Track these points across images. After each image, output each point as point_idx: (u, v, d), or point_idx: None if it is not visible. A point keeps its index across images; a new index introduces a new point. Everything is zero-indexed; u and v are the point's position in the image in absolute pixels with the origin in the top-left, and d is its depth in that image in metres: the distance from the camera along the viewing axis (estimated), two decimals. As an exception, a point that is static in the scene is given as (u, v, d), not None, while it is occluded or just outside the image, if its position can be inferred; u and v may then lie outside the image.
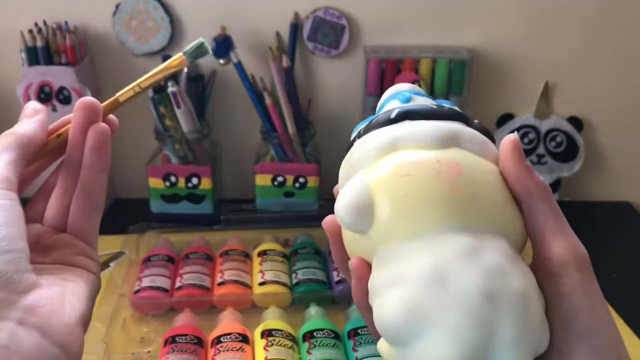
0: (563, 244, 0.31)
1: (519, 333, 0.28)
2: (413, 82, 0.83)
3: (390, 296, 0.29)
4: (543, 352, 0.30)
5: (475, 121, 0.34)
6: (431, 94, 0.84)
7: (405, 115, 0.34)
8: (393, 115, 0.34)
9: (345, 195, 0.31)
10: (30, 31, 0.80)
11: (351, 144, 0.35)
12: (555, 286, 0.31)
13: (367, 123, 0.35)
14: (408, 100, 0.35)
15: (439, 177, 0.30)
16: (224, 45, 0.81)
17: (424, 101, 0.35)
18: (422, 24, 0.86)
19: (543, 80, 0.89)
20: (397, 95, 0.36)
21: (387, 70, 0.84)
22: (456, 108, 0.35)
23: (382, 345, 0.31)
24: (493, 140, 0.35)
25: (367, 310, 0.32)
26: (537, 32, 0.87)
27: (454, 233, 0.30)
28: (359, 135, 0.35)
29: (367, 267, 0.32)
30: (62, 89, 0.81)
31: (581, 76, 0.89)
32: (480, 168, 0.32)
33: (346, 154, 0.35)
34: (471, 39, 0.87)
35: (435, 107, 0.34)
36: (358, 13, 0.86)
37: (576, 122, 0.90)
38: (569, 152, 0.91)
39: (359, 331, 0.61)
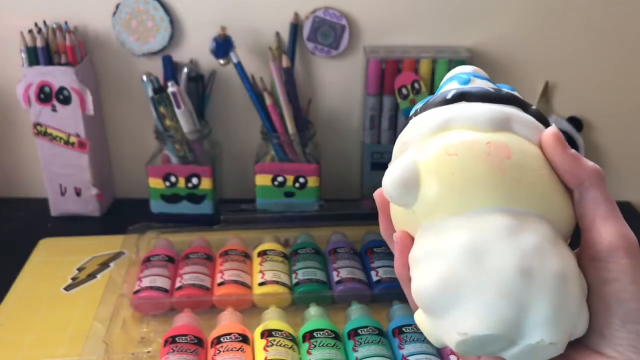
0: (613, 230, 0.31)
1: (553, 313, 0.29)
2: (413, 82, 0.83)
3: (428, 267, 0.30)
4: (580, 336, 0.31)
5: (533, 107, 0.35)
6: (431, 94, 0.84)
7: (461, 97, 0.34)
8: (449, 96, 0.34)
9: (393, 170, 0.32)
10: (30, 31, 0.80)
11: (407, 122, 0.36)
12: (601, 271, 0.31)
13: (424, 102, 0.36)
14: (467, 82, 0.36)
15: (487, 158, 0.31)
16: (224, 45, 0.81)
17: (482, 84, 0.36)
18: (422, 24, 0.86)
19: (543, 80, 0.89)
20: (456, 77, 0.37)
21: (387, 70, 0.84)
22: (515, 93, 0.35)
23: (418, 315, 0.32)
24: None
25: (408, 282, 0.33)
26: (537, 32, 0.87)
27: (497, 213, 0.30)
28: (415, 114, 0.36)
29: (410, 240, 0.33)
30: (62, 89, 0.81)
31: (581, 76, 0.89)
32: (529, 153, 0.32)
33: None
34: (471, 39, 0.87)
35: (492, 90, 0.35)
36: (358, 13, 0.86)
37: (576, 122, 0.90)
38: (569, 152, 0.91)
39: (359, 331, 0.61)
